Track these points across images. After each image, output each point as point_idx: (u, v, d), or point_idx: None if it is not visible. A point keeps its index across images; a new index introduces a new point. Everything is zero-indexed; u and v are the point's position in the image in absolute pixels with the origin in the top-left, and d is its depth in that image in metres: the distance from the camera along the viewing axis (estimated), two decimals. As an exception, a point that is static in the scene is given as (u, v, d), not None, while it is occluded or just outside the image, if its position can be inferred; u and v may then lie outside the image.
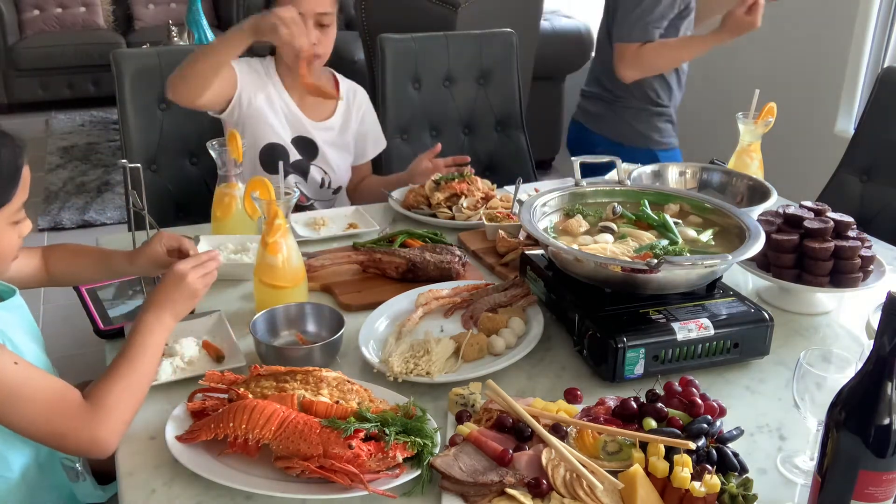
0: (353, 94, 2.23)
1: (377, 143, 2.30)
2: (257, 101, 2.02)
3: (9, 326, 1.21)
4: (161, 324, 1.22)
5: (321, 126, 2.14)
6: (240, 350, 1.35)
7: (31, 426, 1.09)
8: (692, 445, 1.03)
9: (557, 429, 1.11)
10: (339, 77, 2.22)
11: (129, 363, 1.16)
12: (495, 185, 2.07)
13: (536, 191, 2.11)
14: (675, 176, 1.97)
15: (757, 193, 1.85)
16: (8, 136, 1.16)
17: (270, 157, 2.05)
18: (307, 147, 2.12)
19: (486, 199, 1.97)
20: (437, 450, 1.09)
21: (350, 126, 2.20)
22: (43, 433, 1.10)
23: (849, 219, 1.55)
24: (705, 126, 3.89)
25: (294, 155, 2.09)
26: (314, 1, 1.95)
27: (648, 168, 1.93)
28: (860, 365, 0.92)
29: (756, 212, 1.72)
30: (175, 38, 4.33)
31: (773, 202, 1.78)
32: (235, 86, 1.99)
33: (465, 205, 1.94)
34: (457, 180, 1.98)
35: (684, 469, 0.99)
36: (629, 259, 1.38)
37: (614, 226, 1.53)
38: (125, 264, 1.45)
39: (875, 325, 1.03)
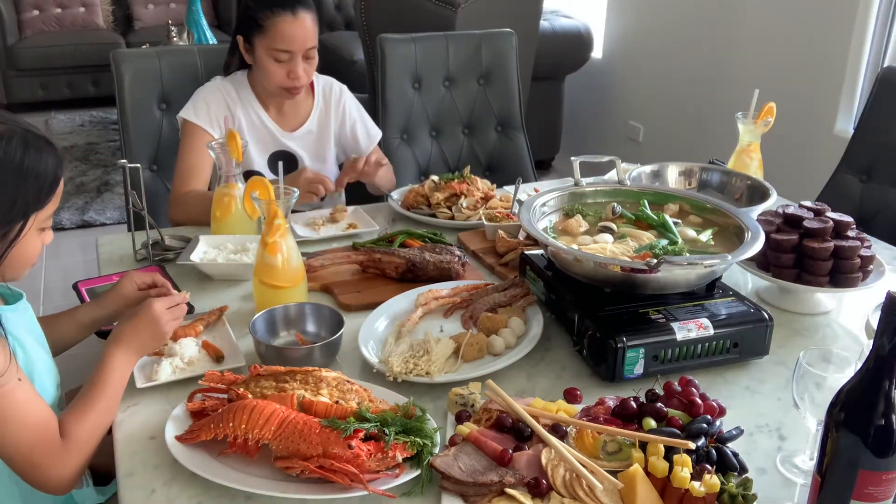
0: (328, 91, 2.17)
1: (370, 134, 2.22)
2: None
3: (18, 329, 1.21)
4: (126, 360, 1.23)
5: (297, 136, 2.10)
6: (239, 350, 1.35)
7: (13, 449, 1.09)
8: (692, 445, 1.03)
9: (557, 429, 1.11)
10: (315, 77, 2.14)
11: (95, 400, 1.16)
12: (495, 186, 2.07)
13: (536, 191, 2.12)
14: (675, 176, 1.97)
15: (756, 193, 1.85)
16: (53, 146, 1.16)
17: None
18: (288, 162, 2.06)
19: (486, 198, 1.98)
20: (436, 450, 1.09)
21: (330, 128, 2.15)
22: (22, 459, 1.10)
23: (848, 219, 1.55)
24: (705, 126, 3.89)
25: (271, 177, 2.01)
26: (305, 40, 1.97)
27: (648, 167, 1.93)
28: (860, 365, 0.92)
29: (756, 211, 1.72)
30: (174, 38, 4.33)
31: (773, 202, 1.78)
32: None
33: (464, 205, 1.94)
34: (456, 180, 1.99)
35: (684, 469, 0.99)
36: (629, 259, 1.38)
37: (614, 226, 1.53)
38: (95, 312, 1.41)
39: (874, 324, 1.03)
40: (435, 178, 2.02)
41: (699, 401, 1.14)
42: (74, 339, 1.43)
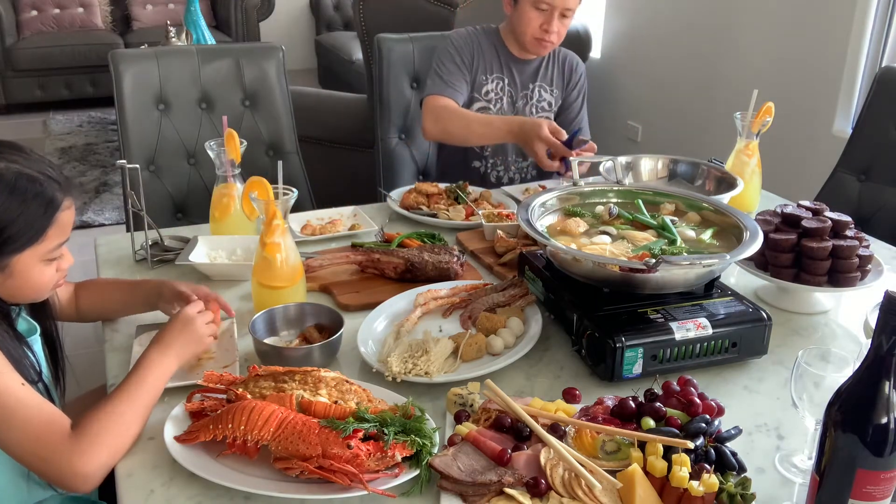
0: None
1: None
2: None
3: None
4: (163, 364, 1.21)
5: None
6: (238, 350, 1.35)
7: (19, 447, 1.09)
8: (690, 445, 1.03)
9: (556, 428, 1.11)
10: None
11: (123, 397, 1.15)
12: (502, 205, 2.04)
13: (542, 187, 2.12)
14: (648, 166, 2.01)
15: (724, 183, 1.91)
16: (48, 185, 1.15)
17: None
18: None
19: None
20: (435, 449, 1.09)
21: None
22: (29, 456, 1.09)
23: (847, 218, 1.55)
24: (704, 126, 3.89)
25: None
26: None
27: (622, 159, 1.93)
28: (858, 364, 0.93)
29: (726, 198, 1.78)
30: (173, 39, 4.33)
31: (740, 190, 1.84)
32: None
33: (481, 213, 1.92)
34: (463, 204, 1.97)
35: (683, 468, 0.99)
36: (627, 259, 1.38)
37: (613, 229, 1.53)
38: (155, 298, 1.41)
39: (873, 324, 1.04)
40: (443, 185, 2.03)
41: (698, 400, 1.14)
42: (122, 310, 1.47)
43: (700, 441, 1.06)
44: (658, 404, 1.13)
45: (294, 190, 1.47)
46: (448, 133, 2.22)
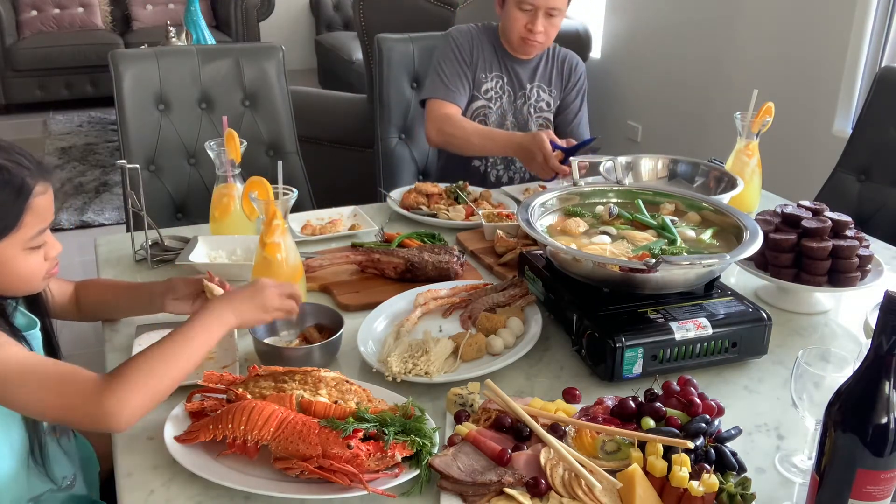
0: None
1: None
2: None
3: None
4: (220, 319, 1.18)
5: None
6: (237, 350, 1.35)
7: (41, 402, 1.06)
8: (690, 445, 1.03)
9: (556, 428, 1.11)
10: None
11: (167, 345, 1.12)
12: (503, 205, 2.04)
13: (543, 188, 2.12)
14: (648, 166, 2.01)
15: (724, 182, 1.91)
16: (16, 173, 1.12)
17: None
18: None
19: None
20: (435, 449, 1.09)
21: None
22: (54, 406, 1.06)
23: (847, 218, 1.55)
24: (704, 126, 3.89)
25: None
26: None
27: (622, 159, 1.93)
28: (858, 364, 0.93)
29: (726, 198, 1.77)
30: (173, 39, 4.33)
31: (740, 190, 1.84)
32: None
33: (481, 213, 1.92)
34: (463, 205, 1.97)
35: (683, 468, 0.99)
36: (627, 259, 1.38)
37: (613, 229, 1.53)
38: (161, 298, 1.37)
39: (873, 324, 1.04)
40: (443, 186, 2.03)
41: (698, 400, 1.14)
42: (125, 311, 1.46)
43: (700, 441, 1.06)
44: (658, 404, 1.13)
45: (294, 190, 1.47)
46: (450, 144, 2.24)
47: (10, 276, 1.17)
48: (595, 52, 4.56)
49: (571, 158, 1.72)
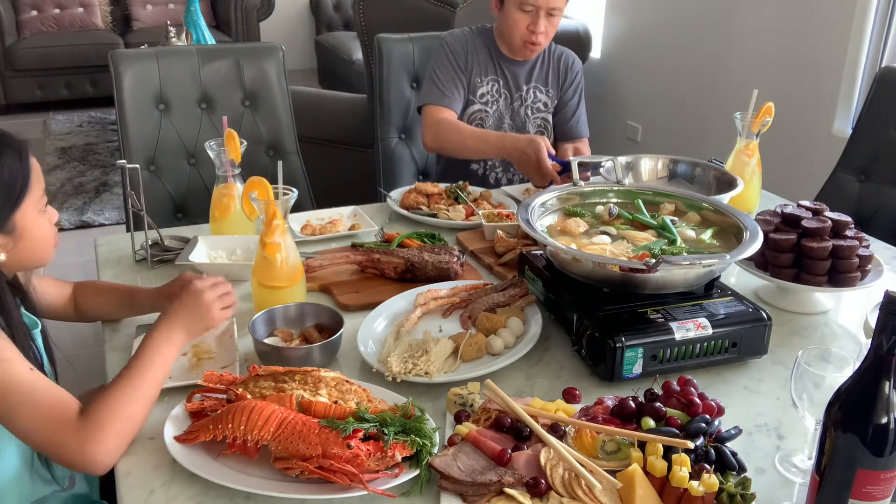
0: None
1: None
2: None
3: None
4: (170, 341, 1.21)
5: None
6: (237, 350, 1.35)
7: (30, 432, 1.09)
8: (690, 445, 1.03)
9: (556, 428, 1.11)
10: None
11: (130, 379, 1.14)
12: (502, 205, 2.04)
13: (542, 187, 2.12)
14: (648, 166, 2.01)
15: (723, 182, 1.90)
16: (8, 143, 1.16)
17: None
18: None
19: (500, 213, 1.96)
20: (435, 449, 1.09)
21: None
22: (40, 440, 1.09)
23: (847, 218, 1.55)
24: (704, 126, 3.89)
25: None
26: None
27: (622, 159, 1.93)
28: (858, 364, 0.93)
29: (726, 198, 1.77)
30: (173, 39, 4.32)
31: (740, 190, 1.84)
32: None
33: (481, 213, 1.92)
34: (463, 205, 1.97)
35: (683, 468, 0.99)
36: (627, 259, 1.38)
37: (613, 229, 1.53)
38: (148, 301, 1.43)
39: (873, 324, 1.04)
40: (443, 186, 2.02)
41: (698, 400, 1.14)
42: (118, 313, 1.47)
43: (700, 441, 1.06)
44: (658, 404, 1.13)
45: (294, 190, 1.47)
46: (446, 148, 2.24)
47: (33, 243, 1.19)
48: (595, 52, 4.56)
49: (572, 158, 1.72)
